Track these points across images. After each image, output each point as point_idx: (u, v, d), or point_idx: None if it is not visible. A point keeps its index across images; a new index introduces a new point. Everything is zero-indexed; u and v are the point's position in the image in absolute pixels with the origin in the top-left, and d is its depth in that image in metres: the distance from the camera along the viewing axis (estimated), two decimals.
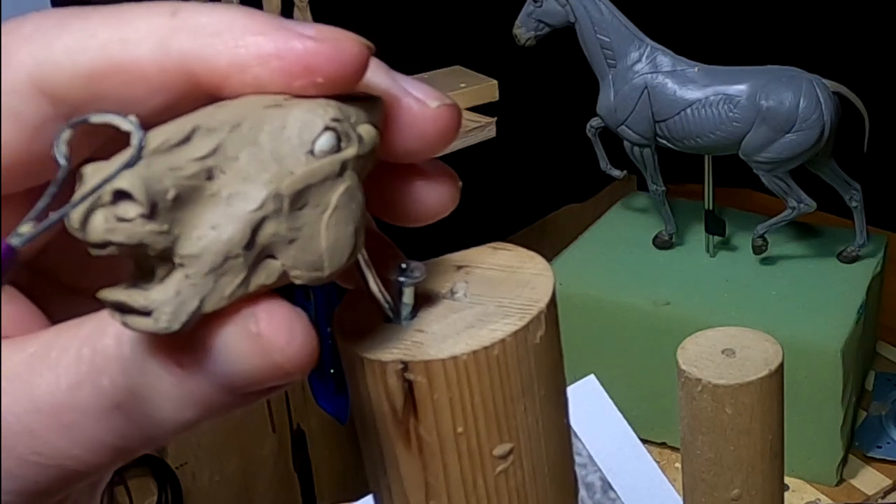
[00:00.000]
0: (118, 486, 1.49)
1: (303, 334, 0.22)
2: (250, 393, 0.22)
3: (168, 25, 0.22)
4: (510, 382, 0.25)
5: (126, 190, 0.21)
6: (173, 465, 1.54)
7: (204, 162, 0.22)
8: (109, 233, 0.21)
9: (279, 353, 0.21)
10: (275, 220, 0.22)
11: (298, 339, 0.22)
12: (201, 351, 0.21)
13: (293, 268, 0.23)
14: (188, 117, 0.23)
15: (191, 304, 0.21)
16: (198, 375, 0.22)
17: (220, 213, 0.22)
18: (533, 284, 0.27)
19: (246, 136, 0.23)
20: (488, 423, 0.25)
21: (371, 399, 0.25)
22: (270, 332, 0.21)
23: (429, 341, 0.25)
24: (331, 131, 0.23)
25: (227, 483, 1.61)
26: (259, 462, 1.63)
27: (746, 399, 0.53)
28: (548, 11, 1.08)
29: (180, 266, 0.21)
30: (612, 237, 1.20)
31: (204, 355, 0.21)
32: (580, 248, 1.18)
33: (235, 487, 1.62)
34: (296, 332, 0.22)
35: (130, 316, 0.22)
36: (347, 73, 0.22)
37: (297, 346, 0.21)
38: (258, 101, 0.23)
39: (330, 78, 0.22)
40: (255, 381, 0.22)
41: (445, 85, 1.30)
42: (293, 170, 0.22)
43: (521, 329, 0.25)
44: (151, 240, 0.21)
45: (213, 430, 1.58)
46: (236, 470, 1.62)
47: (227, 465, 1.61)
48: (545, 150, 1.71)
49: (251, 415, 1.59)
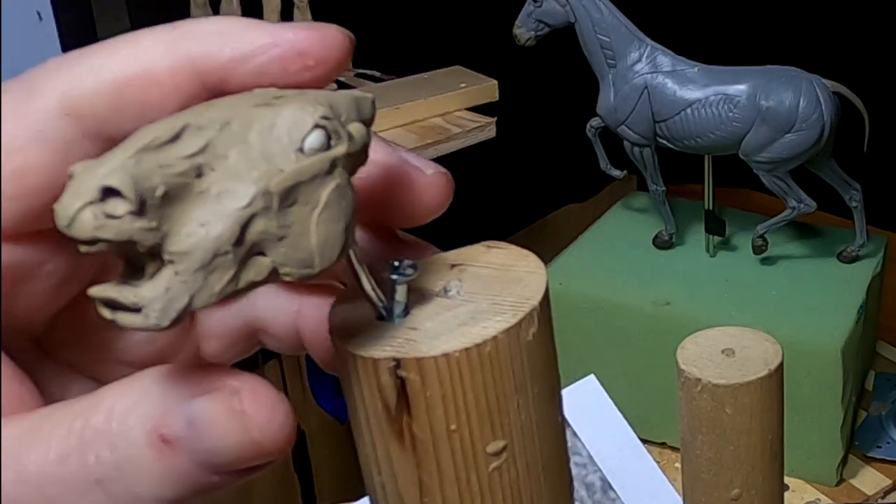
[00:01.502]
0: None
1: (283, 414, 0.23)
2: (229, 472, 0.23)
3: (172, 35, 0.25)
4: (503, 380, 0.25)
5: (114, 187, 0.21)
6: None
7: (193, 159, 0.22)
8: (98, 230, 0.21)
9: (259, 431, 0.22)
10: (264, 218, 0.22)
11: (279, 419, 0.23)
12: (185, 425, 0.22)
13: (283, 265, 0.23)
14: (178, 116, 0.23)
15: (180, 301, 0.22)
16: (180, 451, 0.23)
17: (210, 210, 0.22)
18: (526, 282, 0.27)
19: (236, 134, 0.23)
20: (481, 421, 0.25)
21: (364, 397, 0.25)
22: (253, 410, 0.22)
23: (421, 339, 0.25)
24: (320, 129, 0.23)
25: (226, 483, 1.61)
26: None
27: (746, 399, 0.53)
28: (548, 11, 1.07)
29: (170, 263, 0.22)
30: (611, 237, 1.20)
31: (187, 430, 0.22)
32: (580, 248, 1.18)
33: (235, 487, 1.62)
34: (277, 412, 0.23)
35: (120, 313, 0.22)
36: (334, 55, 0.25)
37: (277, 426, 0.23)
38: (248, 99, 0.24)
39: (320, 60, 0.24)
40: (234, 459, 0.23)
41: (445, 85, 1.30)
42: (283, 167, 0.23)
43: (513, 326, 0.25)
44: (140, 237, 0.21)
45: None
46: None
47: None
48: (545, 150, 1.71)
49: None
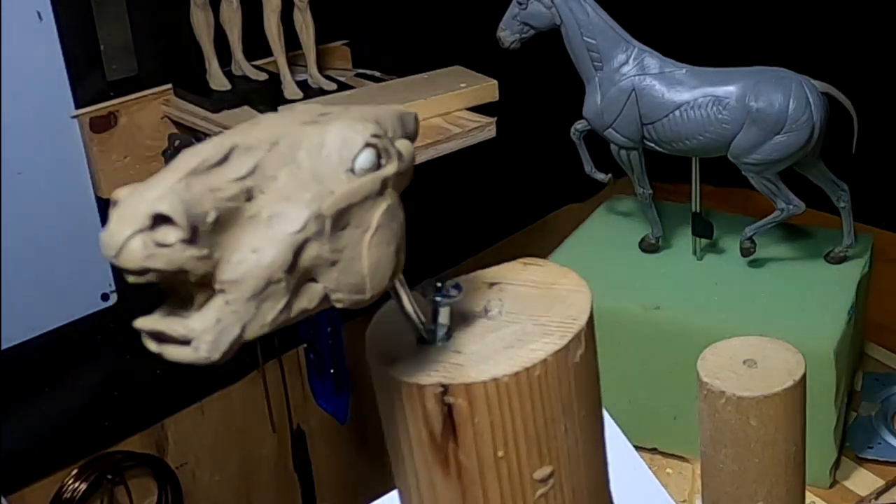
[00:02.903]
0: (118, 485, 1.49)
1: None
2: None
3: None
4: (551, 403, 0.24)
5: (166, 213, 0.20)
6: (173, 465, 1.55)
7: (243, 182, 0.21)
8: (149, 259, 0.20)
9: None
10: (317, 242, 0.21)
11: None
12: None
13: (335, 290, 0.22)
14: (225, 135, 0.22)
15: (232, 332, 0.21)
16: None
17: (261, 235, 0.21)
18: (570, 301, 0.26)
19: (284, 154, 0.22)
20: (529, 446, 0.24)
21: (407, 424, 0.24)
22: None
23: (468, 363, 0.24)
24: (371, 148, 0.22)
25: (227, 483, 1.62)
26: (259, 462, 1.64)
27: (771, 410, 0.52)
28: (533, 14, 1.06)
29: (220, 292, 0.21)
30: (597, 241, 1.18)
31: None
32: (565, 252, 1.18)
33: (235, 487, 1.63)
34: None
35: (168, 346, 0.21)
36: None
37: None
38: (294, 116, 0.23)
39: None
40: None
41: (445, 85, 1.30)
42: (334, 189, 0.22)
43: (561, 349, 0.24)
44: (192, 266, 0.20)
45: (213, 430, 1.58)
46: (236, 470, 1.62)
47: (227, 465, 1.61)
48: (545, 150, 1.71)
49: (251, 415, 1.60)
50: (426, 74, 1.33)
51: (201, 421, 1.57)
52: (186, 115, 1.38)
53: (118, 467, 1.48)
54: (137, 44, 1.38)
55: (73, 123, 1.35)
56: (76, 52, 1.33)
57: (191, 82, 1.41)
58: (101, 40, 1.35)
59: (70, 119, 1.34)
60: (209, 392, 1.56)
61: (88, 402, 1.45)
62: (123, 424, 1.49)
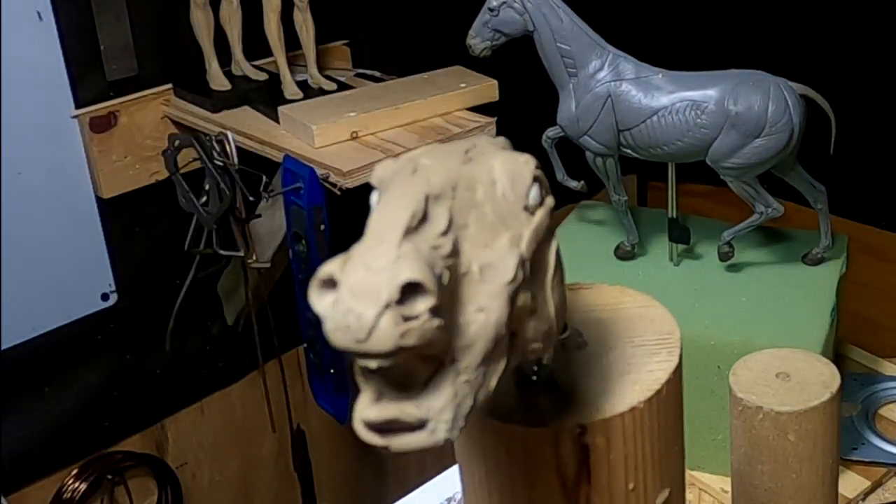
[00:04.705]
0: (118, 486, 1.49)
1: None
2: None
3: None
4: (670, 424, 0.23)
5: (417, 280, 0.17)
6: (173, 465, 1.55)
7: (448, 236, 0.19)
8: (404, 337, 0.17)
9: None
10: (524, 291, 0.20)
11: None
12: None
13: (532, 340, 0.20)
14: (407, 184, 0.19)
15: (467, 404, 0.18)
16: None
17: (481, 291, 0.19)
18: (650, 317, 0.25)
19: (465, 198, 0.20)
20: (654, 472, 0.23)
21: (530, 476, 0.22)
22: None
23: (594, 398, 0.22)
24: (537, 182, 0.22)
25: (227, 483, 1.62)
26: (259, 462, 1.64)
27: (810, 424, 0.50)
28: (505, 21, 1.03)
29: (452, 362, 0.18)
30: (570, 249, 1.13)
31: None
32: None
33: (235, 487, 1.63)
34: None
35: (397, 436, 0.19)
36: None
37: None
38: (450, 153, 0.21)
39: None
40: None
41: (445, 85, 1.30)
42: (520, 230, 0.20)
43: (677, 365, 0.24)
44: (437, 337, 0.18)
45: (213, 430, 1.58)
46: (236, 470, 1.63)
47: (227, 465, 1.61)
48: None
49: (251, 415, 1.60)
50: (426, 74, 1.33)
51: (201, 421, 1.57)
52: (186, 115, 1.38)
53: (118, 467, 1.48)
54: (137, 44, 1.38)
55: (73, 123, 1.35)
56: (76, 52, 1.33)
57: (191, 82, 1.41)
58: (101, 40, 1.35)
59: (70, 119, 1.34)
60: (209, 392, 1.56)
61: (88, 402, 1.45)
62: (123, 424, 1.49)
